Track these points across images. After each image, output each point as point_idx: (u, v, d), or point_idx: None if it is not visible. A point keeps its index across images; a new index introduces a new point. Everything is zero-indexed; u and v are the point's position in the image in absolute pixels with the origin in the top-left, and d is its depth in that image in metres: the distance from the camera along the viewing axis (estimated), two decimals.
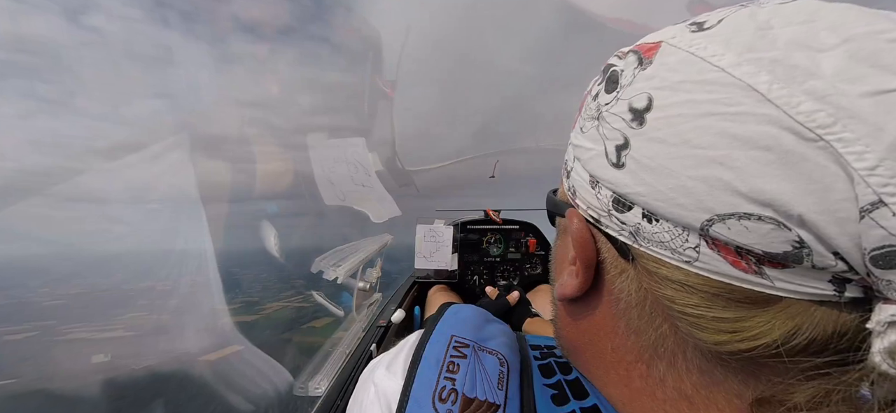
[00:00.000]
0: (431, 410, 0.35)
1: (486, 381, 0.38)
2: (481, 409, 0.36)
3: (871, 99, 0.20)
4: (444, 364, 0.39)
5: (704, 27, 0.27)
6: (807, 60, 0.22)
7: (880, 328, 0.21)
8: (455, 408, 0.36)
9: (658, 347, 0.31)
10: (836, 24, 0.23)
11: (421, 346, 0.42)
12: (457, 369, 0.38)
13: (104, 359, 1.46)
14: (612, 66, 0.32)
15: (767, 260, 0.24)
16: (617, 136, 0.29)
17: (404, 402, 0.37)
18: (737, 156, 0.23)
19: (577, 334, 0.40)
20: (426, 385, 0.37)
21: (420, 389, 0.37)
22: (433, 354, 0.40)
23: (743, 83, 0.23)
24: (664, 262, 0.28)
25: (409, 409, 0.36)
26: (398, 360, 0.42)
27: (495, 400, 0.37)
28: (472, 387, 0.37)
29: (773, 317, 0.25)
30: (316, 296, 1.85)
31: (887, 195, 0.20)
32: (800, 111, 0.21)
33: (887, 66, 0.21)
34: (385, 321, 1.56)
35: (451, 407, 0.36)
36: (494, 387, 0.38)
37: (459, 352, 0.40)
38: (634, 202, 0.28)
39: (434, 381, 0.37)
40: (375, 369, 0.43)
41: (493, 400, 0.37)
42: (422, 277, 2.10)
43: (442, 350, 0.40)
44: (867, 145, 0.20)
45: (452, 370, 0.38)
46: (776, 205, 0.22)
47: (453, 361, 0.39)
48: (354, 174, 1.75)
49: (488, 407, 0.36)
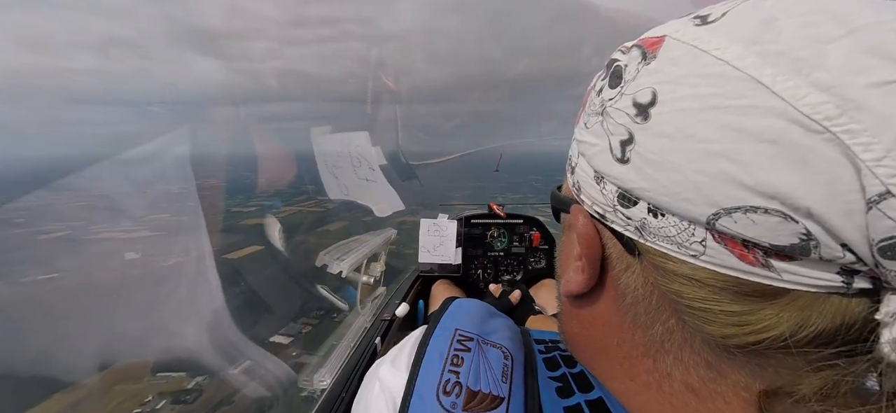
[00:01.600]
0: (435, 403, 0.36)
1: (490, 374, 0.38)
2: (485, 401, 0.36)
3: (878, 89, 0.20)
4: (448, 357, 0.39)
5: (708, 20, 0.27)
6: (812, 52, 0.22)
7: (889, 319, 0.21)
8: (459, 401, 0.36)
9: (665, 342, 0.31)
10: (841, 14, 0.22)
11: (425, 340, 0.42)
12: (461, 362, 0.39)
13: (135, 256, 1.51)
14: (615, 61, 0.32)
15: (775, 253, 0.24)
16: (621, 131, 0.29)
17: (409, 395, 0.37)
18: (742, 149, 0.23)
19: (582, 329, 0.40)
20: (430, 378, 0.37)
21: (424, 383, 0.37)
22: (437, 348, 0.40)
23: (748, 76, 0.23)
24: (671, 256, 0.28)
25: (414, 403, 0.36)
26: (402, 356, 0.42)
27: (500, 392, 0.37)
28: (476, 380, 0.37)
29: (781, 309, 0.25)
30: (321, 289, 1.86)
31: (895, 186, 0.20)
32: (806, 103, 0.21)
33: (894, 56, 0.21)
34: (389, 315, 1.57)
35: (455, 400, 0.36)
36: (498, 379, 0.38)
37: (463, 345, 0.41)
38: (640, 197, 0.28)
39: (438, 374, 0.38)
40: (380, 366, 0.43)
41: (498, 392, 0.37)
42: (425, 271, 2.11)
43: (446, 344, 0.41)
44: (874, 136, 0.20)
45: (456, 363, 0.39)
46: (783, 197, 0.22)
47: (457, 355, 0.39)
48: (358, 168, 1.76)
49: (492, 400, 0.36)
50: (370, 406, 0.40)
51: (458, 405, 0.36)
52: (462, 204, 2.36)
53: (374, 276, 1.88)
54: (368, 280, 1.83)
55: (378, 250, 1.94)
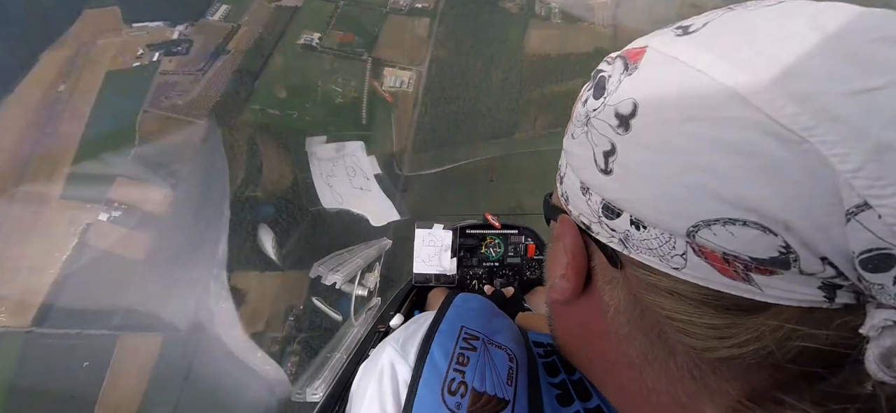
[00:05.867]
0: (440, 403, 0.35)
1: (496, 376, 0.38)
2: (491, 404, 0.36)
3: (855, 98, 0.20)
4: (453, 356, 0.39)
5: (690, 31, 0.27)
6: (789, 62, 0.22)
7: (874, 333, 0.21)
8: (464, 401, 0.35)
9: (648, 354, 0.31)
10: (821, 24, 0.23)
11: (429, 335, 0.41)
12: (466, 362, 0.38)
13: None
14: (600, 72, 0.32)
15: (755, 266, 0.24)
16: (604, 142, 0.29)
17: (413, 394, 0.37)
18: (719, 161, 0.23)
19: (571, 338, 0.40)
20: (436, 376, 0.37)
21: (429, 382, 0.37)
22: (443, 345, 0.40)
23: (725, 87, 0.23)
24: (653, 269, 0.28)
25: (418, 399, 0.36)
26: (411, 345, 0.41)
27: (505, 395, 0.36)
28: (481, 381, 0.37)
29: (764, 323, 0.24)
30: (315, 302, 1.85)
31: (872, 198, 0.19)
32: (783, 114, 0.21)
33: (871, 66, 0.21)
34: (384, 326, 1.55)
35: (460, 400, 0.35)
36: (504, 382, 0.37)
37: (469, 344, 0.40)
38: (622, 208, 0.28)
39: (444, 372, 0.37)
40: (387, 345, 0.43)
41: (503, 395, 0.36)
42: (421, 282, 2.10)
43: (451, 341, 0.40)
44: (851, 147, 0.20)
45: (462, 362, 0.38)
46: (760, 210, 0.22)
47: (463, 353, 0.39)
48: (353, 178, 1.76)
49: (498, 402, 0.36)
50: (383, 382, 0.39)
51: (463, 406, 0.35)
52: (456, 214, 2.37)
53: (369, 287, 1.87)
54: (362, 292, 1.82)
55: (372, 261, 1.93)
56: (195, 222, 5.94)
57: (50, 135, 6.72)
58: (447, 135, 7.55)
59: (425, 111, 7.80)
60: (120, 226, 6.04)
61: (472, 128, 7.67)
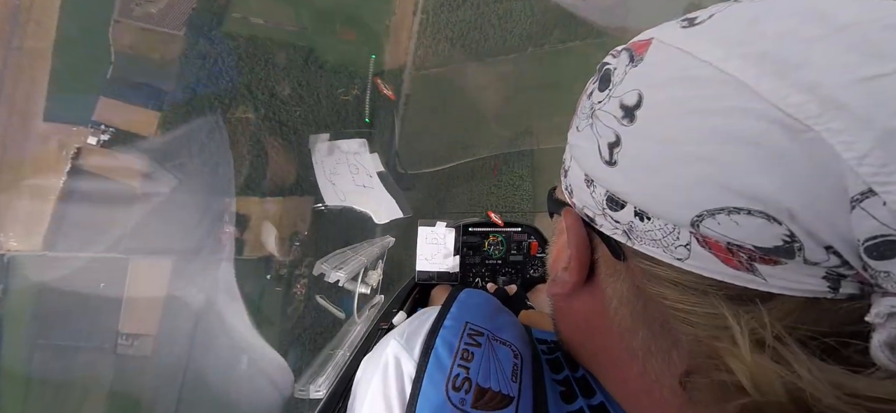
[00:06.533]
0: (444, 398, 0.35)
1: (500, 372, 0.38)
2: (495, 400, 0.36)
3: (860, 86, 0.20)
4: (458, 351, 0.39)
5: (695, 23, 0.27)
6: (795, 51, 0.22)
7: (879, 320, 0.21)
8: (469, 397, 0.35)
9: (651, 346, 0.31)
10: (825, 13, 0.23)
11: (434, 330, 0.41)
12: (471, 357, 0.38)
13: None
14: (606, 64, 0.32)
15: (759, 256, 0.24)
16: (609, 133, 0.29)
17: (418, 386, 0.37)
18: (724, 151, 0.23)
19: (574, 333, 0.40)
20: (440, 371, 0.37)
21: (433, 377, 0.37)
22: (447, 341, 0.40)
23: (730, 77, 0.23)
24: (657, 260, 0.28)
25: (423, 394, 0.36)
26: (416, 339, 0.41)
27: (509, 392, 0.36)
28: (486, 377, 0.37)
29: (768, 313, 0.24)
30: (319, 299, 1.85)
31: (878, 185, 0.19)
32: (788, 103, 0.21)
33: (876, 54, 0.21)
34: (386, 324, 1.56)
35: (464, 396, 0.35)
36: (508, 379, 0.37)
37: (474, 340, 0.40)
38: (627, 200, 0.28)
39: (448, 368, 0.37)
40: (391, 339, 0.43)
41: (507, 392, 0.36)
42: (423, 280, 2.10)
43: (456, 336, 0.40)
44: (856, 134, 0.20)
45: (467, 358, 0.38)
46: (765, 199, 0.22)
47: (467, 349, 0.39)
48: (356, 175, 1.76)
49: (502, 399, 0.36)
50: (388, 376, 0.39)
51: (468, 401, 0.35)
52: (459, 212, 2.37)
53: (371, 284, 1.87)
54: (365, 290, 1.82)
55: (375, 259, 1.94)
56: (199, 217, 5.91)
57: (16, 51, 6.14)
58: (449, 133, 7.54)
59: (427, 109, 7.78)
60: (111, 150, 5.93)
61: (476, 125, 7.66)
